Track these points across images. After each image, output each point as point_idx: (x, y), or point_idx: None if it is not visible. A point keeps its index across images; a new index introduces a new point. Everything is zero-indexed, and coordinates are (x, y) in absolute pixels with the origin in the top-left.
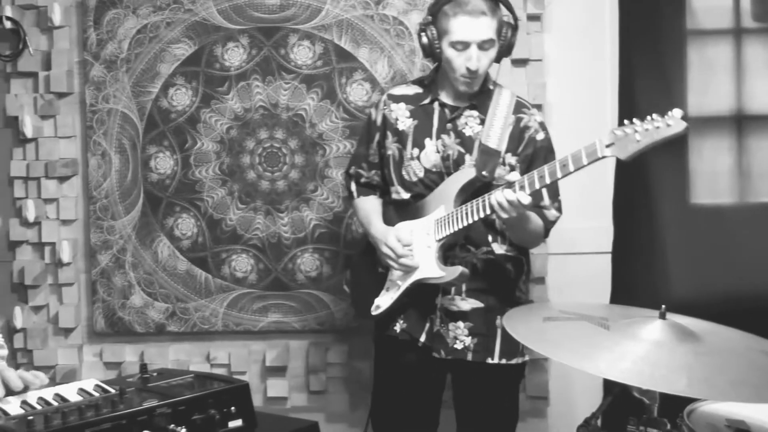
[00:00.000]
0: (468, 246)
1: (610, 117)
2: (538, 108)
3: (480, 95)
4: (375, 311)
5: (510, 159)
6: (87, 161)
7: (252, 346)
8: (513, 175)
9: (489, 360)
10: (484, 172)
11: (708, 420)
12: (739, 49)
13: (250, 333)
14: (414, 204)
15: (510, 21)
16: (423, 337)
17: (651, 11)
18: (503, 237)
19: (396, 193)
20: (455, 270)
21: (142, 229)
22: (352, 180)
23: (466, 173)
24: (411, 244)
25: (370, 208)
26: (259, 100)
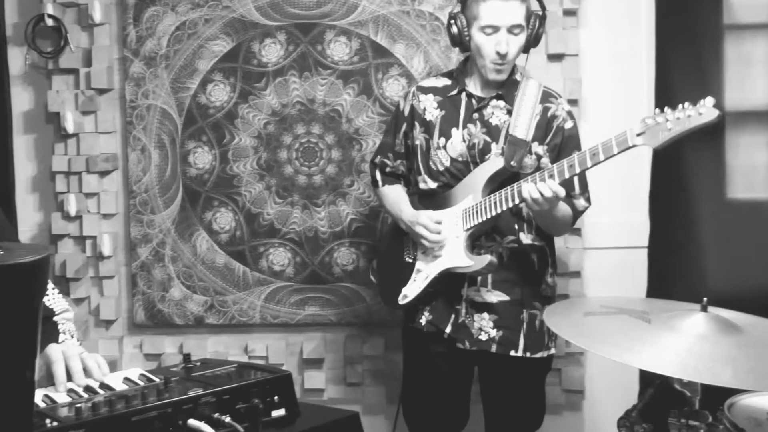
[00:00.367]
0: (494, 235)
1: (646, 112)
2: (573, 103)
3: (507, 85)
4: (402, 300)
5: (537, 148)
6: (127, 156)
7: (289, 338)
8: (544, 163)
9: (513, 353)
10: (512, 162)
11: (749, 413)
12: None
13: (287, 325)
14: (441, 194)
15: (538, 12)
16: (448, 329)
17: (687, 6)
18: (530, 226)
19: (423, 183)
20: (483, 259)
21: (181, 223)
22: (377, 169)
23: (494, 163)
24: (441, 223)
25: (397, 195)
26: (296, 95)
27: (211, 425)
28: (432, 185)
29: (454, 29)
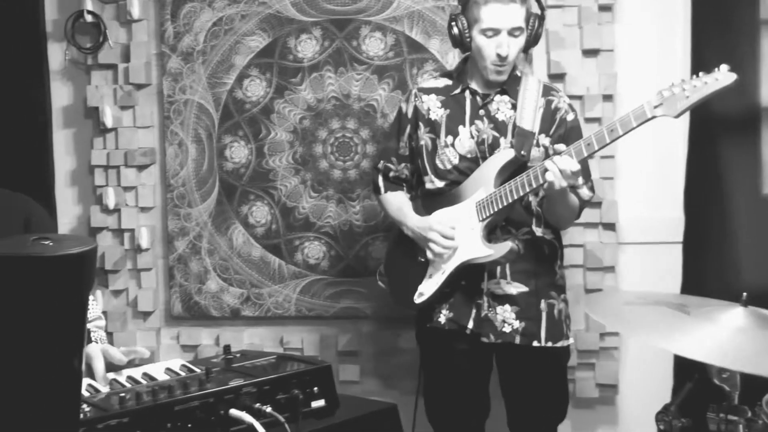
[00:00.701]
0: (509, 227)
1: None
2: (608, 98)
3: (509, 81)
4: (419, 299)
5: (544, 140)
6: (164, 150)
7: (324, 331)
8: (559, 146)
9: (535, 343)
10: (522, 152)
11: None
12: None
13: (322, 318)
14: (448, 192)
15: (537, 12)
16: (470, 324)
17: (723, 1)
18: (539, 220)
19: (430, 182)
20: (504, 246)
21: (217, 217)
22: (379, 174)
23: (505, 154)
24: (454, 227)
25: (401, 202)
26: (332, 90)
27: (252, 415)
28: (439, 184)
29: (455, 30)
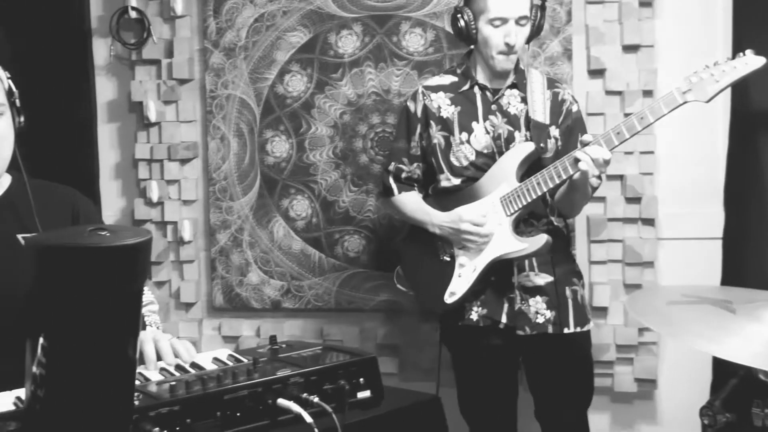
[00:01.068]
0: (531, 220)
1: (721, 104)
2: (648, 94)
3: (517, 75)
4: (450, 299)
5: (554, 132)
6: (207, 144)
7: (364, 323)
8: (587, 137)
9: (566, 330)
10: (541, 144)
11: None
12: None
13: (362, 311)
14: (464, 189)
15: (538, 2)
16: (504, 318)
17: None
18: (552, 209)
19: (446, 180)
20: (539, 239)
21: (258, 210)
22: (390, 176)
23: (524, 147)
24: (486, 215)
25: (418, 201)
26: (372, 86)
27: (300, 405)
28: (455, 182)
29: (460, 23)
